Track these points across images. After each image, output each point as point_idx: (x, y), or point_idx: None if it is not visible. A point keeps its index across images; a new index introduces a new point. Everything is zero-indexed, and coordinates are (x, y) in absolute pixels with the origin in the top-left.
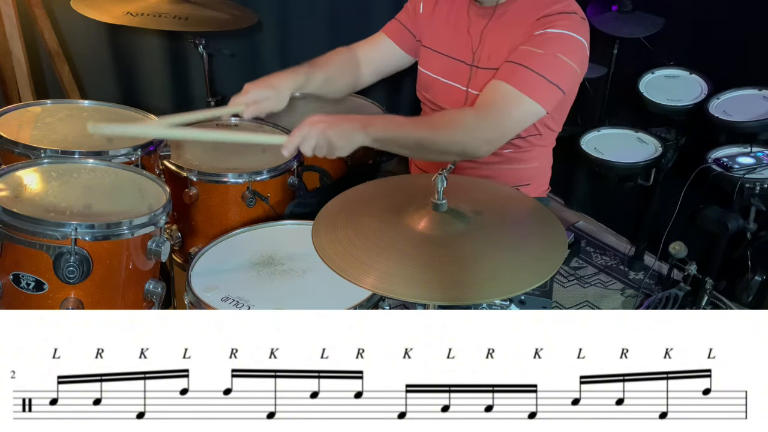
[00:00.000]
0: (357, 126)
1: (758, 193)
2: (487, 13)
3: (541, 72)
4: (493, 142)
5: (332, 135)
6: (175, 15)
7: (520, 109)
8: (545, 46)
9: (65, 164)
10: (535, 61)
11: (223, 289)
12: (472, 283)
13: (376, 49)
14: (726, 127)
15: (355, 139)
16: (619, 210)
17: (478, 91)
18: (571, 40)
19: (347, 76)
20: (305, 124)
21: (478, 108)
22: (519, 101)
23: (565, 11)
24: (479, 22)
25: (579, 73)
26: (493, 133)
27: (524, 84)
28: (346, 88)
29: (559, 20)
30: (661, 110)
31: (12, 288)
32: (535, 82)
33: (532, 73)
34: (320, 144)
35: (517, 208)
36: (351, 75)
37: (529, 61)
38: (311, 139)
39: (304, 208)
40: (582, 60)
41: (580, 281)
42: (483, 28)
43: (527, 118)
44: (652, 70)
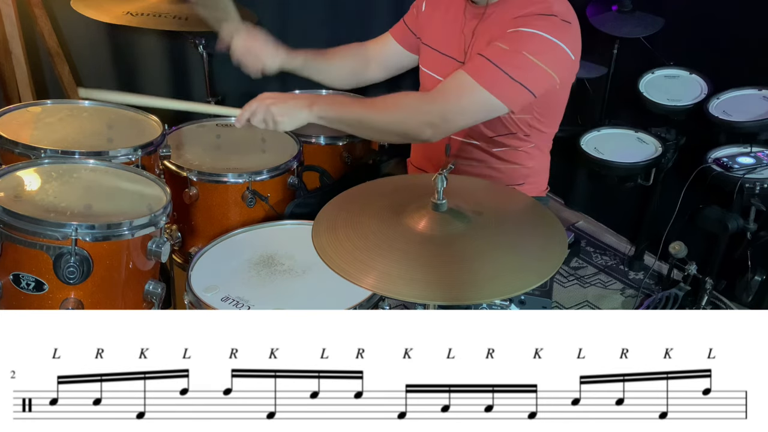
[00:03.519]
0: (302, 104)
1: (758, 193)
2: (479, 12)
3: (502, 67)
4: (435, 126)
5: (276, 111)
6: (175, 15)
7: (471, 98)
8: (513, 44)
9: (65, 164)
10: (498, 56)
11: (223, 289)
12: (472, 283)
13: (384, 48)
14: (726, 127)
15: (299, 116)
16: (619, 210)
17: None
18: (544, 41)
19: (350, 69)
20: (255, 99)
21: (428, 92)
22: (472, 90)
23: (544, 13)
24: (472, 21)
25: (551, 75)
26: (435, 117)
27: (482, 76)
28: (348, 79)
29: (534, 20)
30: (661, 110)
31: (12, 288)
32: (494, 76)
33: (493, 66)
34: (267, 118)
35: (517, 208)
36: (355, 68)
37: (493, 55)
38: (258, 113)
39: (304, 208)
40: (556, 63)
41: (580, 281)
42: (474, 27)
43: (480, 109)
44: (652, 70)
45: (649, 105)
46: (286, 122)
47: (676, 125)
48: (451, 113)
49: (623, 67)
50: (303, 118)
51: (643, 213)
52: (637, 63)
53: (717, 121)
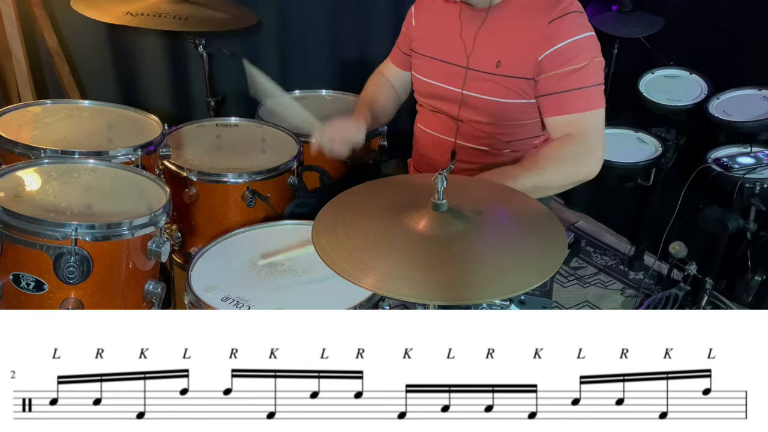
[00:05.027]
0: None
1: (758, 193)
2: (480, 16)
3: (594, 83)
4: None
5: None
6: (175, 15)
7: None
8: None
9: (65, 164)
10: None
11: (223, 289)
12: (472, 283)
13: (392, 74)
14: (726, 127)
15: None
16: (619, 210)
17: (474, 92)
18: (593, 39)
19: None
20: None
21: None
22: (596, 120)
23: (573, 10)
24: (471, 26)
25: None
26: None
27: (593, 102)
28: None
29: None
30: (661, 110)
31: (12, 288)
32: (596, 95)
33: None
34: None
35: (517, 208)
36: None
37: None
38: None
39: (304, 208)
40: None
41: (580, 281)
42: (476, 32)
43: (602, 125)
44: (652, 70)
45: (649, 105)
46: None
47: (676, 125)
48: (600, 149)
49: (623, 67)
50: None
51: (643, 213)
52: (637, 63)
53: (717, 121)
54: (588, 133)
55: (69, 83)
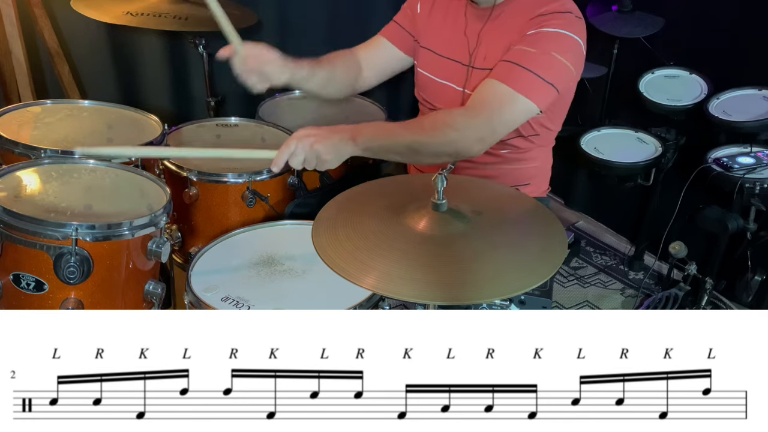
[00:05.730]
0: (345, 137)
1: (758, 193)
2: (484, 14)
3: (535, 70)
4: (484, 140)
5: (321, 149)
6: (175, 15)
7: (513, 108)
8: (539, 45)
9: (65, 164)
10: (529, 60)
11: (223, 289)
12: (472, 283)
13: (376, 51)
14: (726, 127)
15: (344, 151)
16: (619, 210)
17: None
18: (566, 38)
19: (348, 77)
20: (293, 138)
21: (469, 107)
22: (512, 100)
23: (560, 10)
24: (476, 24)
25: (574, 72)
26: (484, 132)
27: (518, 83)
28: (347, 89)
29: (553, 19)
30: (661, 110)
31: (12, 288)
32: (529, 80)
33: (526, 71)
34: (309, 158)
35: (517, 208)
36: (352, 76)
37: (523, 60)
38: (299, 154)
39: (304, 208)
40: (577, 59)
41: (580, 281)
42: (480, 29)
43: (520, 116)
44: (652, 70)
45: (649, 105)
46: (333, 160)
47: (676, 125)
48: (498, 125)
49: (623, 67)
50: (348, 152)
51: (643, 213)
52: (637, 63)
53: (717, 121)
54: (491, 108)
55: (69, 83)
